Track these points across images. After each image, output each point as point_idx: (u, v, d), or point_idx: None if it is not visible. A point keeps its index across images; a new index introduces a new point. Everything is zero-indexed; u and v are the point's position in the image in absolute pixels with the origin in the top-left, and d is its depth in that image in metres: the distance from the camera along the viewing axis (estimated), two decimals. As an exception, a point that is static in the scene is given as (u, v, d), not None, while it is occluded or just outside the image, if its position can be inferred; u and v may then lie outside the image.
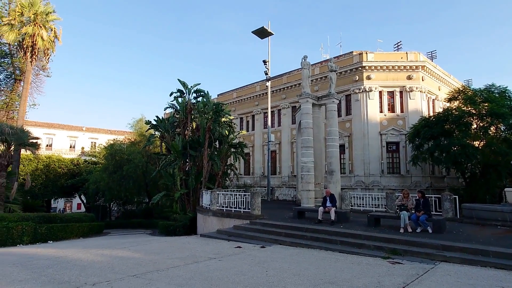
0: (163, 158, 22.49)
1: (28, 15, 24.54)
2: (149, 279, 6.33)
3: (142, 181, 30.23)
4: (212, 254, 8.81)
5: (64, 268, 7.68)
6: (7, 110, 30.47)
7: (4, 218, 15.82)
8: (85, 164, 37.64)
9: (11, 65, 30.99)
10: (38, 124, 48.41)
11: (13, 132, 19.08)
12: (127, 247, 11.04)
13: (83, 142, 55.32)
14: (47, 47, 25.58)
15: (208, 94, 22.68)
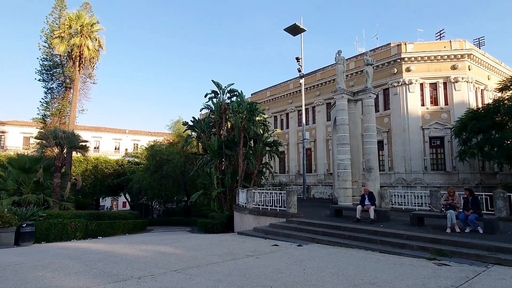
0: (200, 157, 23.16)
1: (75, 27, 26.52)
2: (190, 274, 6.58)
3: (180, 180, 31.37)
4: (250, 251, 8.93)
5: (113, 262, 8.22)
6: (59, 116, 33.16)
7: (60, 215, 17.27)
8: (129, 165, 39.83)
9: (62, 74, 33.66)
10: (86, 128, 52.06)
11: (66, 136, 20.75)
12: (168, 243, 11.54)
13: (126, 144, 58.61)
14: (92, 56, 27.47)
15: (242, 93, 22.96)
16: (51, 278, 6.71)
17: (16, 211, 15.17)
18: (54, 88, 34.46)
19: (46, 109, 34.47)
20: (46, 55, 33.84)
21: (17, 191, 19.04)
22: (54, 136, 20.55)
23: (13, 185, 19.05)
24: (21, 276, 6.95)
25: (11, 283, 6.39)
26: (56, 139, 20.45)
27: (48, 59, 33.96)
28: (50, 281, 6.42)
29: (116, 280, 6.34)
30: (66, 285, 6.08)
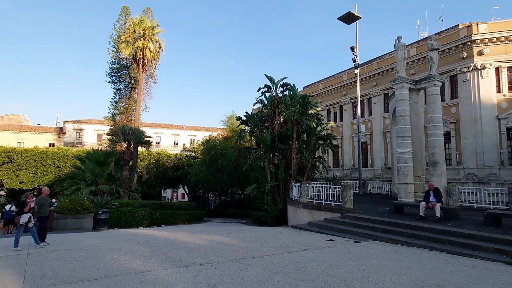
0: (253, 151, 23.55)
1: (138, 31, 28.67)
2: (246, 264, 6.79)
3: (234, 174, 32.25)
4: (304, 245, 8.90)
5: (176, 248, 8.83)
6: (126, 114, 36.37)
7: (129, 204, 19.00)
8: (187, 159, 42.05)
9: (128, 76, 36.79)
10: (149, 124, 56.19)
11: (132, 132, 22.70)
12: (225, 234, 12.02)
13: (184, 139, 62.02)
14: (153, 57, 29.47)
15: (294, 87, 22.73)
16: (124, 260, 7.45)
17: (93, 200, 17.06)
18: (122, 89, 37.87)
19: (115, 108, 38.03)
20: (114, 59, 37.24)
21: (94, 182, 21.38)
22: (122, 133, 22.62)
23: (90, 177, 21.44)
24: (100, 257, 7.83)
25: (92, 262, 7.25)
26: (124, 135, 22.50)
27: (116, 62, 37.36)
28: (124, 263, 7.14)
29: (180, 265, 6.81)
30: (137, 267, 6.71)
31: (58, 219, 15.29)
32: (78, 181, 21.16)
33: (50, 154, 32.96)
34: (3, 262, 7.34)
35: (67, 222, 15.24)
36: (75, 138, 54.42)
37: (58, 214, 15.36)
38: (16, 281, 5.75)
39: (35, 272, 6.37)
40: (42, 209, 9.94)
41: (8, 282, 5.74)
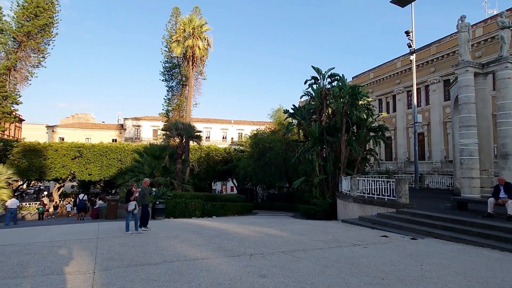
0: (301, 145, 23.29)
1: (188, 30, 29.82)
2: (296, 257, 6.79)
3: (282, 167, 32.28)
4: (356, 240, 8.63)
5: (227, 238, 9.14)
6: (178, 110, 38.27)
7: (183, 195, 20.08)
8: (235, 152, 43.08)
9: (179, 74, 38.60)
10: (199, 120, 58.52)
11: (184, 127, 23.86)
12: (274, 226, 12.13)
13: (232, 133, 63.56)
14: (202, 55, 30.48)
15: (343, 77, 21.91)
16: (180, 247, 7.92)
17: (151, 191, 18.33)
18: (174, 86, 39.90)
19: (168, 104, 40.22)
20: (167, 58, 39.30)
21: (151, 174, 22.95)
22: (175, 128, 23.90)
23: (148, 169, 23.05)
24: (158, 244, 8.42)
25: (152, 248, 7.82)
26: (177, 130, 23.76)
27: (168, 61, 39.41)
28: (180, 250, 7.59)
29: (231, 255, 7.05)
30: (192, 254, 7.09)
31: (122, 208, 16.72)
32: (138, 174, 22.87)
33: (113, 149, 36.05)
34: (79, 245, 8.26)
35: (129, 211, 16.60)
36: (134, 134, 58.75)
37: (122, 204, 16.79)
38: (90, 262, 6.44)
39: (104, 255, 7.06)
40: (144, 198, 10.78)
41: (82, 262, 6.45)
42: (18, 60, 32.29)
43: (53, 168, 33.61)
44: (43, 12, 32.55)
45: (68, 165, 34.26)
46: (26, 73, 33.66)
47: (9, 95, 31.66)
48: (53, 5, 33.92)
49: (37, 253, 7.27)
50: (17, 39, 31.81)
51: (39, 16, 32.26)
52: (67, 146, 35.11)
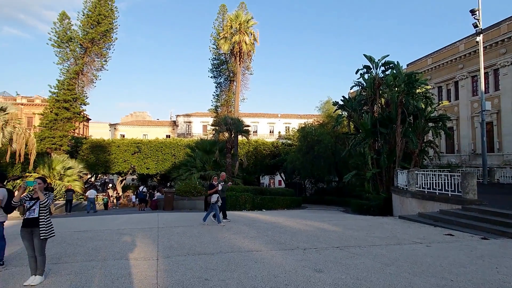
0: (352, 137, 22.45)
1: (235, 26, 30.30)
2: (352, 253, 6.58)
3: (331, 160, 31.47)
4: (417, 238, 8.10)
5: (279, 232, 9.18)
6: (227, 106, 39.24)
7: (233, 189, 20.59)
8: (283, 146, 42.99)
9: (227, 70, 39.46)
10: (246, 114, 59.29)
11: (233, 122, 24.40)
12: (326, 221, 11.89)
13: (279, 127, 63.46)
14: (249, 50, 30.78)
15: (398, 65, 20.55)
16: (234, 239, 8.13)
17: (203, 184, 19.12)
18: (222, 82, 40.95)
19: (217, 100, 41.42)
20: (215, 55, 40.40)
21: (203, 168, 23.93)
22: (224, 123, 24.56)
23: (199, 164, 24.06)
24: (213, 235, 8.74)
25: (208, 239, 8.15)
26: (226, 125, 24.39)
27: (216, 58, 40.49)
28: (234, 241, 7.80)
29: (285, 248, 7.06)
30: (246, 246, 7.24)
31: (177, 200, 17.69)
32: (190, 168, 23.98)
33: (168, 144, 38.19)
34: (142, 233, 8.91)
35: (184, 203, 17.51)
36: (185, 129, 61.58)
37: (177, 196, 17.76)
38: (153, 249, 6.92)
39: (165, 243, 7.53)
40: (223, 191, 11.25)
41: (146, 249, 6.95)
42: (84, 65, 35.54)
43: (116, 162, 36.69)
44: (104, 19, 35.33)
45: (129, 159, 37.12)
46: (91, 76, 36.95)
47: (78, 97, 35.05)
48: (113, 12, 36.64)
49: (108, 240, 8.00)
50: (83, 46, 35.00)
51: (101, 23, 35.10)
52: (127, 142, 38.05)
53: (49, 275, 5.04)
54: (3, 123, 20.08)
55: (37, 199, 4.78)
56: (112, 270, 5.36)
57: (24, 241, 4.79)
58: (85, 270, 5.39)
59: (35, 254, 4.72)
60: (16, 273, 5.23)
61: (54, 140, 32.07)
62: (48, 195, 4.88)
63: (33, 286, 4.53)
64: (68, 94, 33.42)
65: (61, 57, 34.53)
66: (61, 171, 25.66)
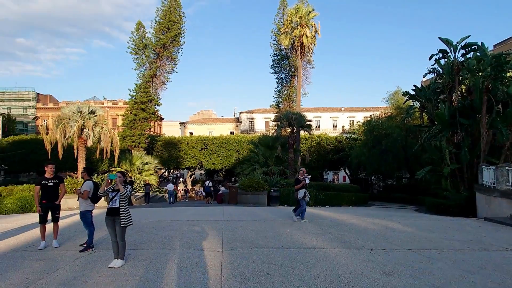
0: (425, 130, 20.43)
1: (295, 20, 29.89)
2: (427, 256, 5.99)
3: (401, 155, 29.18)
4: (508, 244, 7.03)
5: (343, 229, 8.82)
6: (288, 101, 39.09)
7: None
8: (347, 141, 41.30)
9: (288, 65, 39.23)
10: (308, 109, 58.31)
11: (295, 117, 24.22)
12: (395, 220, 11.07)
13: (342, 121, 61.05)
14: (310, 43, 30.10)
15: (483, 45, 17.99)
16: (296, 235, 8.06)
17: (266, 179, 19.38)
18: (283, 78, 40.88)
19: (279, 96, 41.51)
20: (276, 51, 40.48)
21: (265, 164, 24.25)
22: (286, 118, 24.50)
23: (262, 159, 24.42)
24: (276, 230, 8.78)
25: (270, 233, 8.22)
26: (288, 120, 24.32)
27: (277, 54, 40.52)
28: (296, 237, 7.73)
29: (349, 247, 6.75)
30: (308, 243, 7.11)
31: (241, 194, 18.24)
32: (253, 163, 24.50)
33: (232, 141, 39.65)
34: (209, 225, 9.39)
35: (247, 197, 17.98)
36: (248, 126, 63.11)
37: (241, 190, 18.30)
38: (218, 241, 7.24)
39: (229, 236, 7.81)
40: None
41: (212, 241, 7.30)
42: (157, 69, 38.78)
43: (185, 158, 39.41)
44: (173, 25, 38.02)
45: (197, 155, 39.52)
46: (163, 79, 40.15)
47: (153, 98, 38.44)
48: (181, 18, 39.19)
49: (178, 230, 8.61)
50: (156, 51, 38.17)
51: (170, 29, 37.85)
52: (195, 139, 40.54)
53: (129, 259, 5.62)
54: (93, 124, 23.00)
55: (118, 190, 5.34)
56: (181, 259, 5.74)
57: (108, 228, 5.42)
58: (158, 257, 5.88)
59: (117, 240, 5.30)
60: (103, 256, 5.95)
61: (134, 138, 35.78)
62: (126, 188, 5.42)
63: (115, 268, 5.09)
64: (144, 96, 36.90)
65: (138, 63, 38.23)
66: (140, 166, 28.45)
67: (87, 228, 6.62)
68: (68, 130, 21.81)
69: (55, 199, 6.76)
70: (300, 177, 10.19)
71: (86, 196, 6.51)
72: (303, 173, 10.39)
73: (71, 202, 16.25)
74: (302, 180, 10.04)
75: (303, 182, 10.00)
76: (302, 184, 9.97)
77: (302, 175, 10.26)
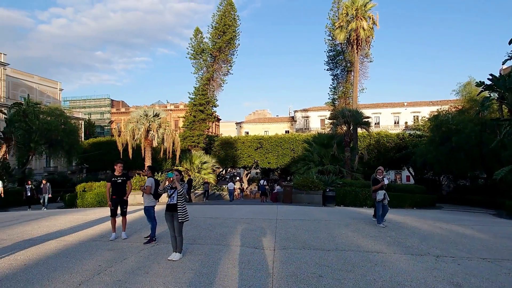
0: (505, 124, 17.96)
1: (351, 13, 28.63)
2: (507, 268, 5.28)
3: (476, 153, 26.06)
4: None
5: (404, 233, 8.20)
6: (344, 98, 37.65)
7: (352, 184, 19.66)
8: (410, 138, 38.33)
9: (344, 60, 37.80)
10: (366, 106, 55.48)
11: (351, 114, 23.22)
12: (468, 225, 9.96)
13: (405, 117, 56.80)
14: (367, 35, 28.57)
15: None
16: (352, 236, 7.72)
17: (321, 178, 18.93)
18: (338, 74, 39.53)
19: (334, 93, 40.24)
20: (330, 47, 39.33)
21: (320, 163, 23.69)
22: (342, 115, 23.62)
23: (317, 158, 23.90)
24: (330, 230, 8.52)
25: (324, 234, 8.00)
26: (344, 117, 23.42)
27: (332, 49, 39.35)
28: (352, 239, 7.40)
29: (411, 252, 6.25)
30: (365, 246, 6.76)
31: (296, 193, 18.09)
32: (308, 162, 24.11)
33: (286, 140, 39.56)
34: (262, 224, 9.48)
35: (302, 197, 17.77)
36: (303, 124, 62.33)
37: (296, 189, 18.15)
38: (271, 240, 7.27)
39: (282, 235, 7.80)
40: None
41: (265, 239, 7.35)
42: (214, 72, 40.43)
43: (241, 157, 40.40)
44: (228, 28, 39.27)
45: (252, 154, 40.25)
46: (220, 81, 41.72)
47: (210, 100, 40.18)
48: (235, 21, 40.29)
49: (233, 227, 8.86)
50: (213, 55, 39.80)
51: (226, 32, 39.15)
52: (251, 138, 41.31)
53: (186, 253, 5.95)
54: (157, 126, 24.85)
55: (176, 188, 5.68)
56: (234, 256, 5.89)
57: (167, 222, 5.80)
58: (213, 252, 6.12)
59: (175, 234, 5.64)
60: (164, 249, 6.38)
61: (193, 139, 37.82)
62: (183, 185, 5.74)
63: (174, 261, 5.43)
64: (202, 98, 38.77)
65: (196, 67, 40.31)
66: (199, 165, 29.93)
67: (150, 222, 7.18)
68: (136, 132, 23.86)
69: (123, 194, 7.46)
70: (379, 176, 9.12)
71: (149, 191, 7.07)
72: (382, 172, 9.29)
73: (139, 198, 17.77)
74: (381, 180, 9.02)
75: (381, 182, 8.99)
76: (381, 184, 8.97)
77: (380, 174, 9.19)
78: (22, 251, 6.33)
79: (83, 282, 4.55)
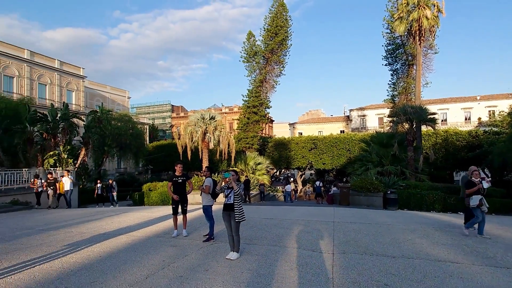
0: None
1: (412, 2, 26.50)
2: None
3: None
4: None
5: (484, 242, 7.28)
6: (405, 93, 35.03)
7: (417, 186, 18.14)
8: (485, 135, 34.18)
9: (404, 53, 35.24)
10: (431, 101, 51.01)
11: (414, 111, 21.46)
12: None
13: (478, 112, 50.90)
14: (431, 25, 26.18)
15: None
16: (420, 243, 7.05)
17: (381, 180, 17.79)
18: (398, 69, 36.94)
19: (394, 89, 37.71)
20: (389, 40, 36.94)
21: (379, 163, 22.30)
22: (403, 112, 21.94)
23: (376, 158, 22.55)
24: (394, 235, 7.91)
25: (387, 239, 7.45)
26: (405, 114, 21.72)
27: (391, 43, 36.91)
28: (420, 246, 6.76)
29: (494, 264, 5.50)
30: (436, 254, 6.12)
31: (353, 195, 17.29)
32: (366, 163, 22.88)
33: (342, 139, 38.13)
34: (319, 226, 9.20)
35: (360, 199, 16.92)
36: (359, 124, 59.60)
37: (353, 191, 17.35)
38: (328, 243, 6.99)
39: (341, 238, 7.45)
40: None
41: (322, 242, 7.09)
42: (266, 73, 40.71)
43: (295, 158, 39.98)
44: (280, 30, 39.24)
45: (306, 155, 39.57)
46: (272, 82, 41.86)
47: (263, 102, 40.52)
48: (287, 22, 40.10)
49: (288, 228, 8.73)
50: (265, 57, 40.12)
51: (278, 34, 39.17)
52: (305, 139, 40.67)
53: (243, 253, 5.99)
54: (213, 129, 25.82)
55: (232, 188, 5.76)
56: (291, 258, 5.77)
57: (224, 222, 5.90)
58: (269, 253, 6.07)
59: (232, 234, 5.72)
60: (221, 247, 6.52)
61: (247, 140, 38.50)
62: (239, 185, 5.79)
63: (231, 260, 5.50)
64: (255, 100, 39.28)
65: (249, 70, 40.99)
66: (253, 166, 30.34)
67: (208, 221, 7.41)
68: (194, 134, 25.06)
69: (184, 193, 7.83)
70: (475, 178, 7.96)
71: (208, 191, 7.30)
72: (478, 174, 8.11)
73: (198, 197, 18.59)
74: (478, 183, 7.83)
75: (478, 185, 7.77)
76: (478, 187, 7.75)
77: (477, 176, 8.02)
78: (98, 243, 7.00)
79: (149, 275, 4.84)
